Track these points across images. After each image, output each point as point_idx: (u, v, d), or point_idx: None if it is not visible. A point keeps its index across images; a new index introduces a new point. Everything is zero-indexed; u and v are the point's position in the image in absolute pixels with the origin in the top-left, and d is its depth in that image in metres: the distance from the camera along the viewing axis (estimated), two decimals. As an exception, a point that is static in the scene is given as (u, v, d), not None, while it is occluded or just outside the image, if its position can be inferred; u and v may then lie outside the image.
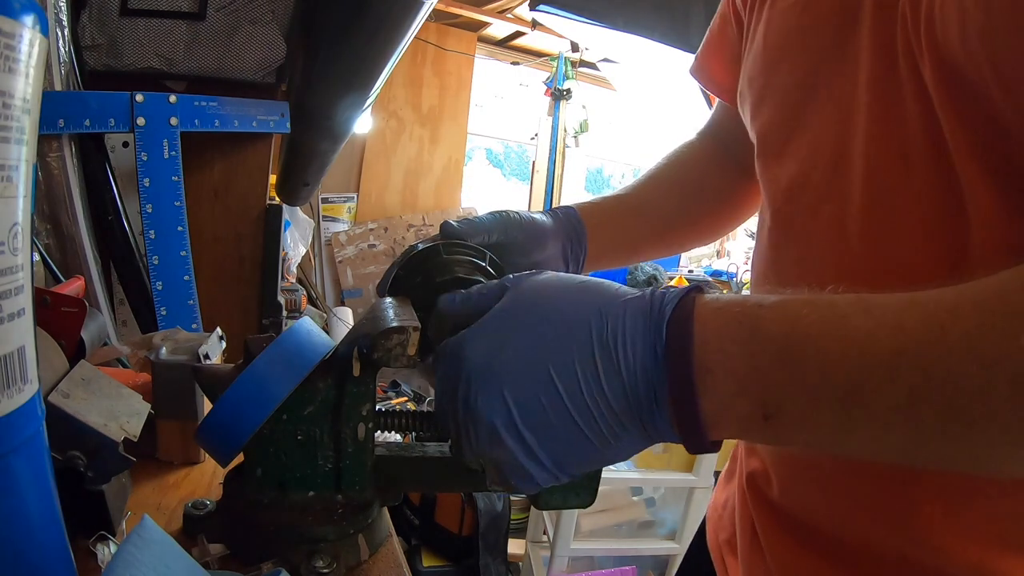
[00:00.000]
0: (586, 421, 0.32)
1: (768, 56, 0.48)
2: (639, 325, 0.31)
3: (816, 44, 0.43)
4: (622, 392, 0.31)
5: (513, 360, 0.33)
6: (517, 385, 0.32)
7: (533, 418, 0.32)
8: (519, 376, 0.32)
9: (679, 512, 1.84)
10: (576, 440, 0.32)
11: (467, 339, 0.35)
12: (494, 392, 0.33)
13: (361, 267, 3.15)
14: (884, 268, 0.39)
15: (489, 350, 0.34)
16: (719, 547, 0.59)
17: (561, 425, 0.32)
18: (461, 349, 0.35)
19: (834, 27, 0.42)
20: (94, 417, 0.45)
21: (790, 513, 0.48)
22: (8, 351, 0.27)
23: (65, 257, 0.97)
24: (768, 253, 0.49)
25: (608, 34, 1.96)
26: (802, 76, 0.45)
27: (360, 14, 1.07)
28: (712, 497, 0.65)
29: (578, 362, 0.31)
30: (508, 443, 0.33)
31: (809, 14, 0.44)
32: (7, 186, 0.27)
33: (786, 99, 0.46)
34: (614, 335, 0.31)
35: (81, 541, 0.43)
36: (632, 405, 0.31)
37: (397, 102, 3.18)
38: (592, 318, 0.32)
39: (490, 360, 0.33)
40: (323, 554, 0.43)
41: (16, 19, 0.26)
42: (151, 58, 1.05)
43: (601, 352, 0.31)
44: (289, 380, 0.42)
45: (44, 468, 0.32)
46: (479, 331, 0.35)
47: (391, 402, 2.37)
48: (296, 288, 2.37)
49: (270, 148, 1.19)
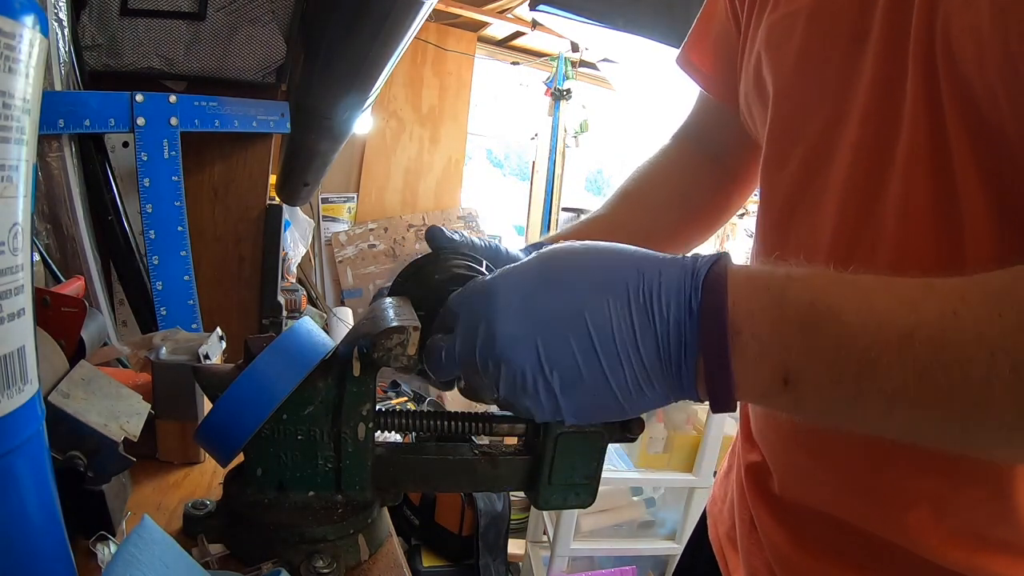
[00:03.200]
0: (615, 373, 0.32)
1: (775, 62, 0.47)
2: (675, 283, 0.31)
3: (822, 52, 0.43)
4: (654, 346, 0.31)
5: (548, 306, 0.33)
6: (550, 331, 0.32)
7: (562, 366, 0.32)
8: (553, 323, 0.32)
9: (679, 512, 1.84)
10: (600, 391, 0.32)
11: (501, 280, 0.35)
12: (527, 336, 0.32)
13: (361, 267, 3.14)
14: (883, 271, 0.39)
15: (524, 294, 0.33)
16: (719, 540, 0.60)
17: (589, 375, 0.32)
18: (494, 289, 0.34)
19: (844, 37, 0.42)
20: (94, 417, 0.45)
21: (788, 506, 0.49)
22: (8, 351, 0.27)
23: (65, 257, 0.97)
24: (765, 255, 0.50)
25: (608, 34, 1.96)
26: (810, 84, 0.45)
27: (360, 14, 1.07)
28: (711, 492, 0.66)
29: (614, 314, 0.31)
30: (532, 387, 0.33)
31: (817, 21, 0.44)
32: (7, 186, 0.27)
33: (794, 105, 0.47)
34: (650, 290, 0.31)
35: (81, 541, 0.43)
36: (663, 359, 0.31)
37: (397, 102, 3.18)
38: (629, 273, 0.32)
39: (525, 303, 0.33)
40: (323, 554, 0.43)
41: (16, 19, 0.26)
42: (151, 58, 1.05)
43: (636, 306, 0.31)
44: (289, 380, 0.42)
45: (44, 468, 0.32)
46: (514, 274, 0.35)
47: (391, 402, 2.37)
48: (296, 288, 2.37)
49: (270, 148, 1.19)
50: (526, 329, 0.33)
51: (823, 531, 0.46)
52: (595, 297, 0.32)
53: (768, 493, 0.50)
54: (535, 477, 0.47)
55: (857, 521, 0.43)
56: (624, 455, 1.84)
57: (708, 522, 0.64)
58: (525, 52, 3.38)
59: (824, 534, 0.46)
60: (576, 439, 0.46)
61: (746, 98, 0.53)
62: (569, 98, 3.34)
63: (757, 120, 0.52)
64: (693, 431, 1.82)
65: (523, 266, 0.35)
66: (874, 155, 0.40)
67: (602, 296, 0.32)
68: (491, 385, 0.35)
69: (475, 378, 0.36)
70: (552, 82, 3.33)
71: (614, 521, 1.86)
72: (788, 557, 0.48)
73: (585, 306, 0.32)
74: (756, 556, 0.52)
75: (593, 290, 0.32)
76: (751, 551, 0.52)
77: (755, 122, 0.53)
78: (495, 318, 0.33)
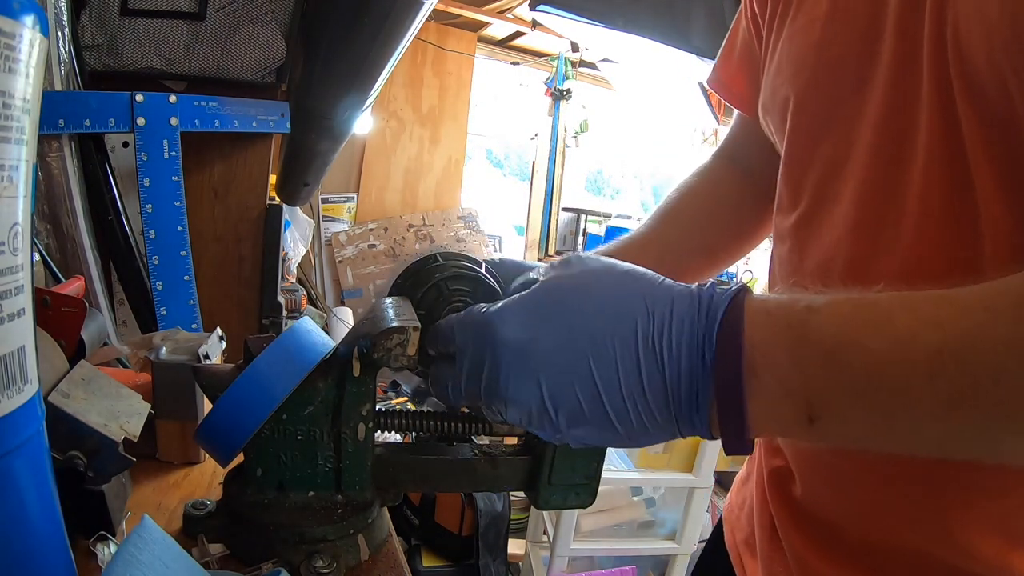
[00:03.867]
0: (619, 416, 0.31)
1: (793, 70, 0.48)
2: (687, 326, 0.30)
3: (839, 57, 0.44)
4: (662, 391, 0.30)
5: (551, 346, 0.32)
6: (553, 373, 0.31)
7: (567, 408, 0.32)
8: (556, 364, 0.31)
9: (679, 512, 1.84)
10: (606, 431, 0.32)
11: (501, 314, 0.34)
12: (529, 378, 0.32)
13: (361, 267, 3.14)
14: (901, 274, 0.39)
15: (525, 331, 0.32)
16: (736, 547, 0.60)
17: (593, 416, 0.32)
18: (494, 324, 0.33)
19: (858, 39, 0.42)
20: (94, 417, 0.45)
21: (812, 511, 0.48)
22: (8, 351, 0.27)
23: (65, 257, 0.97)
24: (788, 258, 0.50)
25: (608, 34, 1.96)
26: (827, 88, 0.45)
27: (360, 14, 1.06)
28: (728, 499, 0.65)
29: (619, 357, 0.31)
30: (538, 422, 0.33)
31: (832, 28, 0.44)
32: (7, 186, 0.27)
33: (812, 111, 0.47)
34: (660, 333, 0.30)
35: (81, 541, 0.43)
36: (671, 404, 0.31)
37: (397, 102, 3.18)
38: (638, 313, 0.31)
39: (526, 343, 0.32)
40: (323, 554, 0.43)
41: (16, 19, 0.26)
42: (151, 58, 1.05)
43: (644, 350, 0.30)
44: (289, 380, 0.42)
45: (44, 468, 0.32)
46: (516, 307, 0.34)
47: (391, 402, 2.37)
48: (296, 288, 2.37)
49: (270, 148, 1.19)
50: (529, 371, 0.32)
51: (846, 536, 0.45)
52: (599, 340, 0.31)
53: (791, 498, 0.50)
54: (535, 477, 0.47)
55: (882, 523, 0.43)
56: (624, 455, 1.84)
57: (724, 529, 0.63)
58: (525, 52, 3.38)
59: (847, 539, 0.45)
60: (576, 439, 0.46)
61: (764, 107, 0.53)
62: (569, 98, 3.34)
63: (775, 129, 0.53)
64: (693, 431, 1.81)
65: (526, 298, 0.34)
66: (891, 155, 0.39)
67: (607, 338, 0.31)
68: (494, 416, 0.35)
69: (483, 409, 0.36)
70: (552, 82, 3.33)
71: (614, 521, 1.86)
72: (810, 562, 0.48)
73: (589, 349, 0.31)
74: (777, 562, 0.51)
75: (597, 331, 0.31)
76: (772, 557, 0.52)
77: (774, 130, 0.53)
78: (499, 360, 0.33)
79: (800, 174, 0.48)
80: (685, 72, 2.07)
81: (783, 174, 0.51)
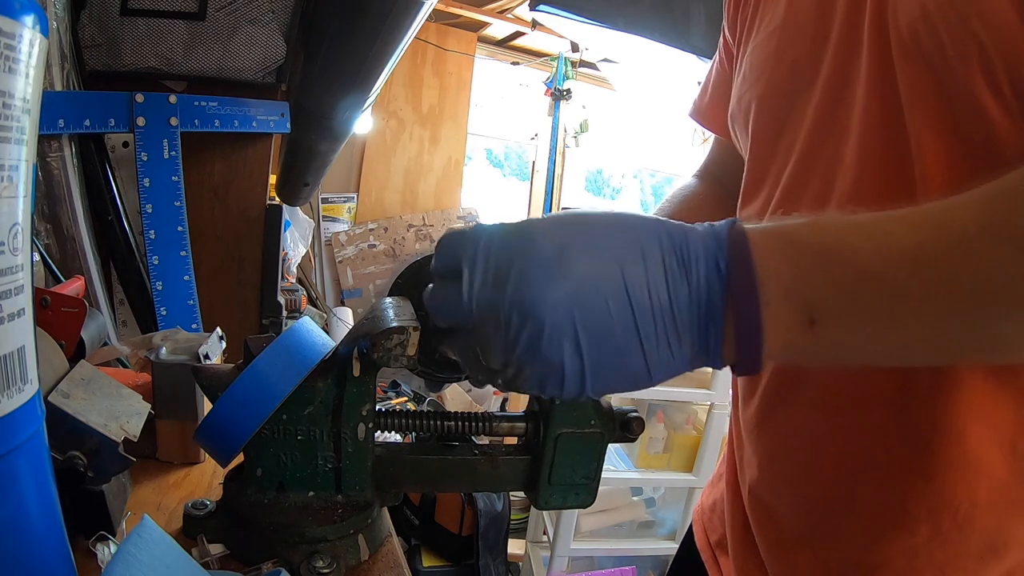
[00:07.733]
0: (646, 330, 0.31)
1: (755, 77, 0.52)
2: (700, 241, 0.32)
3: (792, 60, 0.49)
4: (687, 303, 0.31)
5: (582, 257, 0.31)
6: (585, 284, 0.30)
7: (593, 322, 0.30)
8: (588, 275, 0.30)
9: (679, 512, 1.85)
10: (629, 351, 0.31)
11: (536, 224, 0.32)
12: (558, 288, 0.30)
13: (361, 267, 3.14)
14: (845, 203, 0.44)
15: (559, 244, 0.31)
16: (710, 548, 0.61)
17: (621, 332, 0.30)
18: (529, 232, 0.32)
19: (809, 41, 0.47)
20: (94, 417, 0.45)
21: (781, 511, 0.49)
22: (8, 351, 0.27)
23: (65, 257, 0.97)
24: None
25: (608, 34, 1.96)
26: (785, 88, 0.49)
27: (360, 14, 1.07)
28: (699, 500, 0.67)
29: (649, 270, 0.31)
30: (556, 345, 0.30)
31: (787, 34, 0.49)
32: (7, 186, 0.27)
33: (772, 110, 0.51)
34: (682, 247, 0.32)
35: (81, 541, 0.43)
36: (694, 316, 0.31)
37: (397, 102, 3.18)
38: (661, 233, 0.32)
39: (558, 252, 0.31)
40: (323, 554, 0.43)
41: (16, 19, 0.26)
42: (151, 58, 1.05)
43: (670, 263, 0.31)
44: (289, 380, 0.42)
45: (44, 468, 0.32)
46: (546, 223, 0.33)
47: (391, 402, 2.37)
48: (296, 288, 2.37)
49: (270, 148, 1.19)
50: (561, 281, 0.30)
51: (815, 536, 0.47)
52: (631, 253, 0.31)
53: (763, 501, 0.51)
54: (535, 477, 0.47)
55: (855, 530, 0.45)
56: (624, 455, 1.84)
57: (695, 530, 0.65)
58: (525, 52, 3.38)
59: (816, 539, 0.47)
60: (576, 439, 0.46)
61: (732, 115, 0.57)
62: (569, 98, 3.34)
63: (740, 133, 0.56)
64: (693, 431, 1.82)
65: (553, 218, 0.33)
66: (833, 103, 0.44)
67: (637, 252, 0.31)
68: (502, 339, 0.31)
69: (487, 328, 0.32)
70: (552, 82, 3.33)
71: (614, 521, 1.86)
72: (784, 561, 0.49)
73: (623, 262, 0.31)
74: (750, 561, 0.53)
75: (628, 247, 0.31)
76: (745, 556, 0.53)
77: (739, 135, 0.57)
78: (531, 263, 0.31)
79: (763, 168, 0.52)
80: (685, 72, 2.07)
81: (748, 170, 0.54)
